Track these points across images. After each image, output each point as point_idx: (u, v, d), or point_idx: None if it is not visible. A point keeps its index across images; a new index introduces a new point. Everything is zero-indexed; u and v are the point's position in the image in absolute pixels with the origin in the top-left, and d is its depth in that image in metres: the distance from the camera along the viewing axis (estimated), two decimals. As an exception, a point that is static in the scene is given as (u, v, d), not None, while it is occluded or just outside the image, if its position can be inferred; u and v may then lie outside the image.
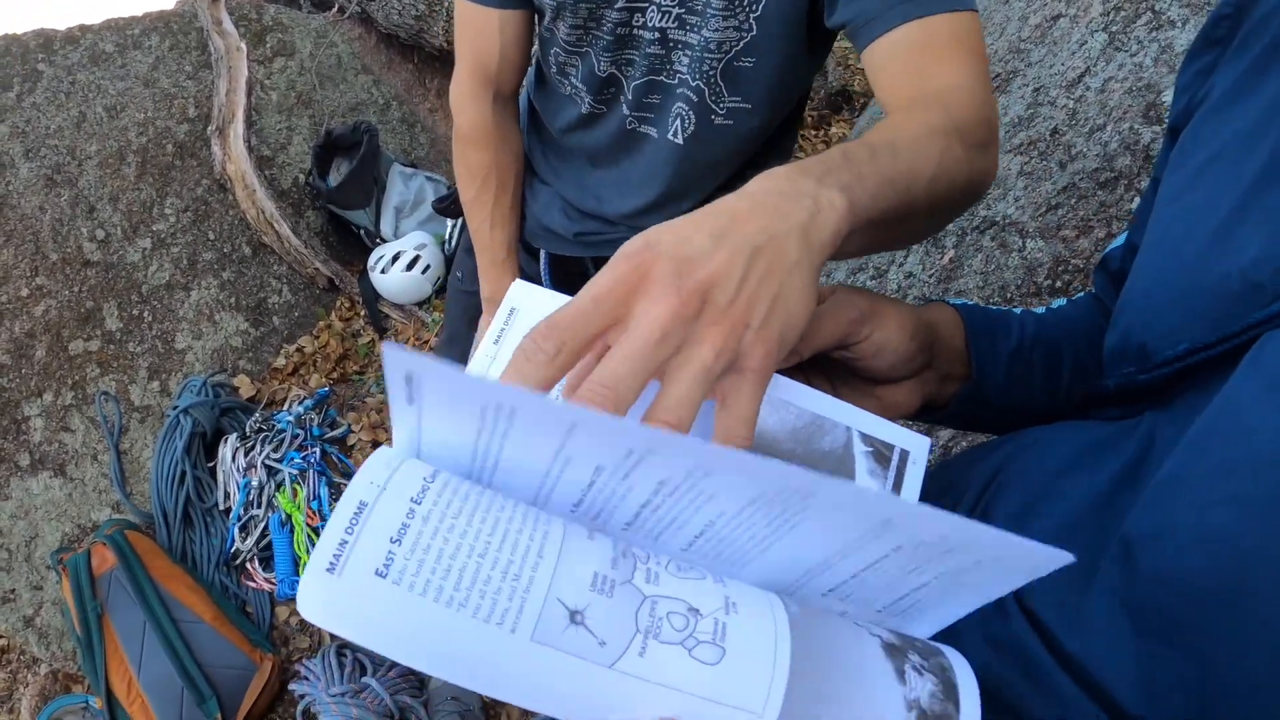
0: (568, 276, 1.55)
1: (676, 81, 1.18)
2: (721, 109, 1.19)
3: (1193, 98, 0.64)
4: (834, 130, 3.62)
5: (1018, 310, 0.79)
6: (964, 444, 1.38)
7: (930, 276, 1.58)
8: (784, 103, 1.24)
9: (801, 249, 0.51)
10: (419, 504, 0.39)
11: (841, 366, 0.69)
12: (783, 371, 0.62)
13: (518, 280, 0.61)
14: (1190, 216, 0.56)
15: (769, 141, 1.32)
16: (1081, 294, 0.83)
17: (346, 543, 0.37)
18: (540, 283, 1.53)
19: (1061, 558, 0.40)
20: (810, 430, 0.59)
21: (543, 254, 1.52)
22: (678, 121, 1.21)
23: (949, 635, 0.51)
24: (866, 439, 0.59)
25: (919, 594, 0.48)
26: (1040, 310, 0.80)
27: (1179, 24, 1.47)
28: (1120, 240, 0.75)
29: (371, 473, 0.40)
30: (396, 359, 0.37)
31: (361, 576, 0.36)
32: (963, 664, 0.46)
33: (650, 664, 0.39)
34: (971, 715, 0.43)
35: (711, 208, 0.51)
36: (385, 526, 0.38)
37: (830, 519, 0.42)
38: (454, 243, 3.19)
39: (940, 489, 0.68)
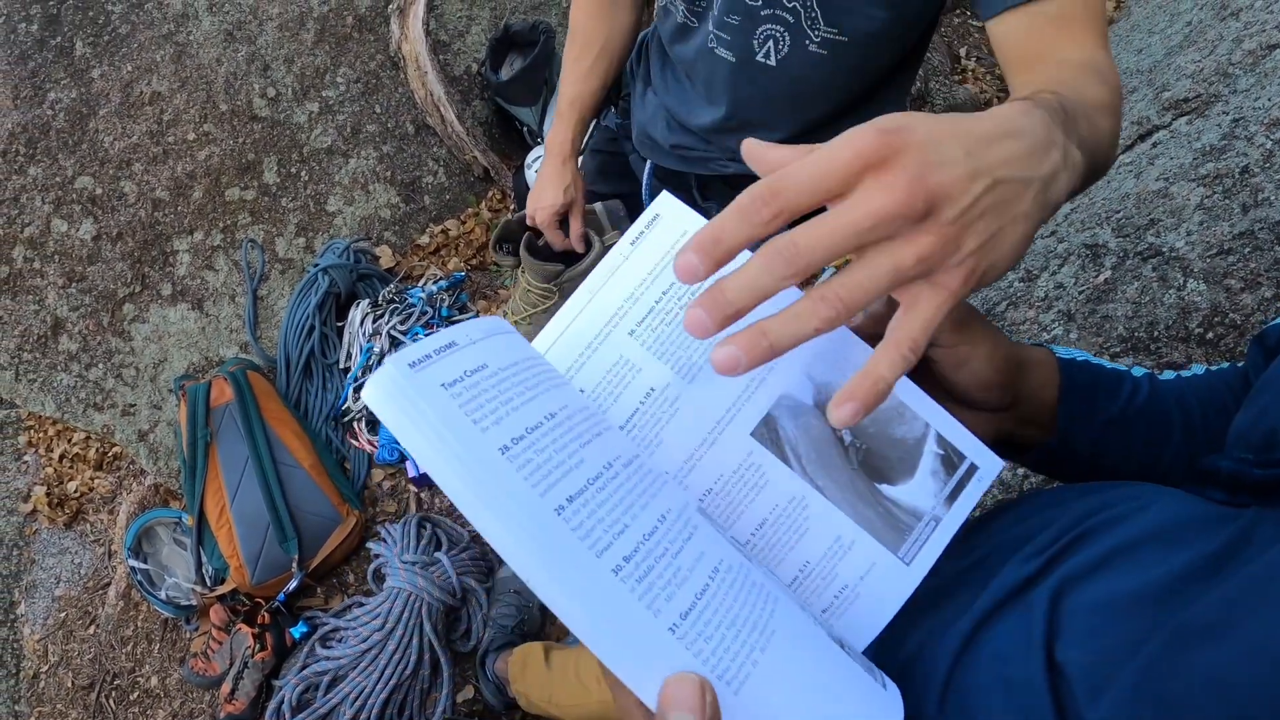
0: (666, 185, 1.65)
1: (761, 4, 1.17)
2: (816, 36, 1.17)
3: None
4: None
5: (1138, 372, 0.75)
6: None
7: (1080, 293, 1.49)
8: (887, 43, 1.20)
9: (1035, 203, 0.50)
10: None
11: (926, 372, 0.65)
12: None
13: (665, 192, 0.62)
14: None
15: (875, 86, 1.29)
16: (1227, 365, 0.79)
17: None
18: (640, 187, 1.66)
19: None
20: (890, 414, 0.59)
21: (648, 163, 1.60)
22: (770, 43, 1.21)
23: (968, 667, 0.55)
24: (941, 441, 0.59)
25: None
26: (1168, 376, 0.77)
27: None
28: None
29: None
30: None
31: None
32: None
33: None
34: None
35: (971, 122, 0.48)
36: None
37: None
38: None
39: (1017, 520, 0.65)
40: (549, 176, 1.61)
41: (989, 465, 0.60)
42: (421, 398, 0.39)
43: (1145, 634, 0.47)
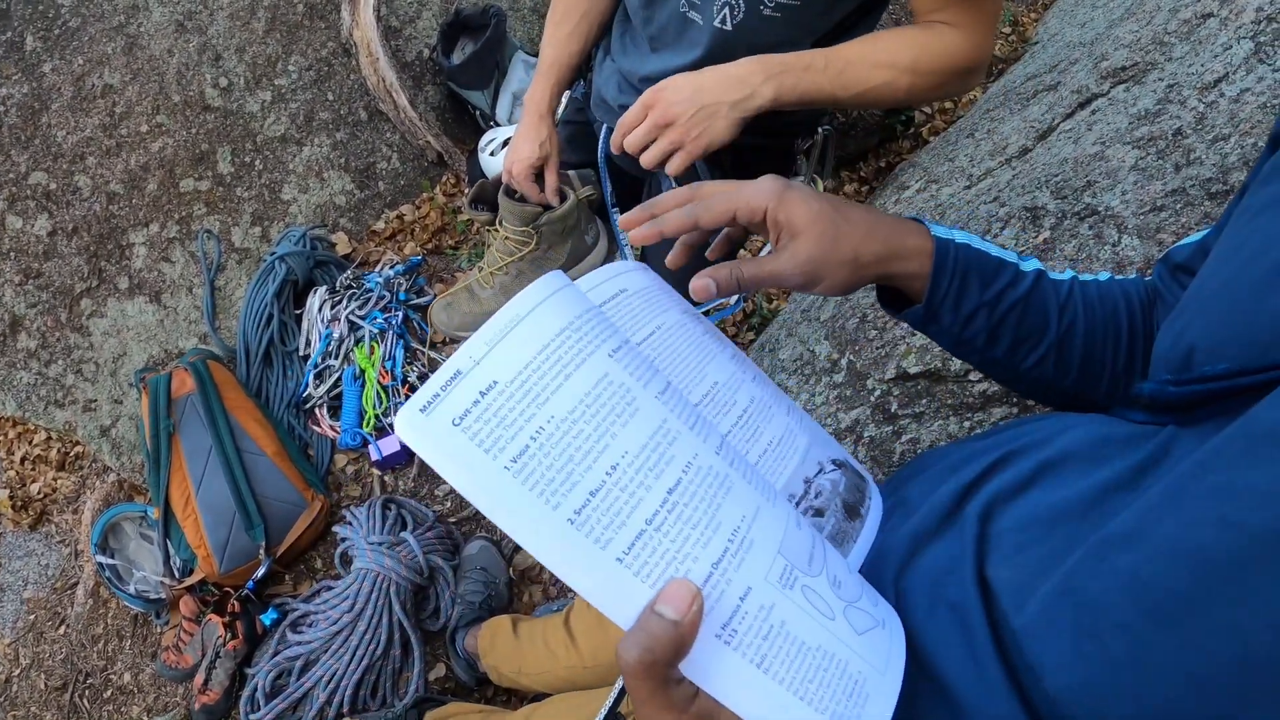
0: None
1: None
2: (770, 2, 1.26)
3: None
4: None
5: (1027, 267, 0.79)
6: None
7: (1020, 252, 1.55)
8: (838, 1, 1.29)
9: (728, 113, 1.18)
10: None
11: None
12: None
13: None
14: (1268, 235, 0.56)
15: (835, 37, 1.35)
16: (1135, 277, 0.82)
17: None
18: (596, 147, 1.77)
19: None
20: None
21: (604, 127, 1.70)
22: (726, 10, 1.29)
23: (901, 591, 0.60)
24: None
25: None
26: (1063, 275, 0.81)
27: (1333, 47, 1.41)
28: (1194, 238, 0.74)
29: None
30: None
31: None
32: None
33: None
34: None
35: (706, 73, 1.20)
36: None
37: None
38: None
39: (956, 448, 0.72)
40: (525, 132, 1.66)
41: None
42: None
43: (1067, 548, 0.51)
